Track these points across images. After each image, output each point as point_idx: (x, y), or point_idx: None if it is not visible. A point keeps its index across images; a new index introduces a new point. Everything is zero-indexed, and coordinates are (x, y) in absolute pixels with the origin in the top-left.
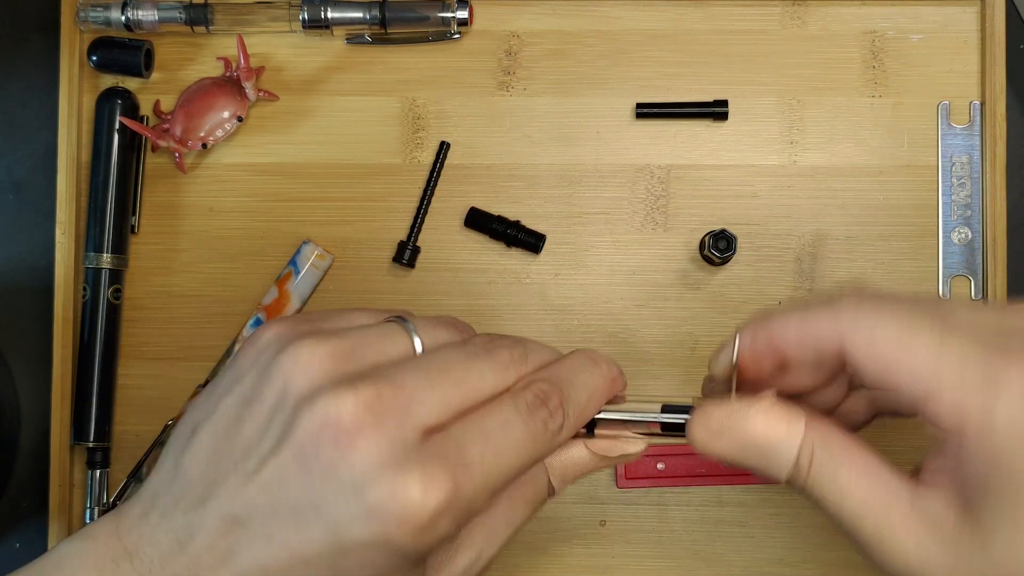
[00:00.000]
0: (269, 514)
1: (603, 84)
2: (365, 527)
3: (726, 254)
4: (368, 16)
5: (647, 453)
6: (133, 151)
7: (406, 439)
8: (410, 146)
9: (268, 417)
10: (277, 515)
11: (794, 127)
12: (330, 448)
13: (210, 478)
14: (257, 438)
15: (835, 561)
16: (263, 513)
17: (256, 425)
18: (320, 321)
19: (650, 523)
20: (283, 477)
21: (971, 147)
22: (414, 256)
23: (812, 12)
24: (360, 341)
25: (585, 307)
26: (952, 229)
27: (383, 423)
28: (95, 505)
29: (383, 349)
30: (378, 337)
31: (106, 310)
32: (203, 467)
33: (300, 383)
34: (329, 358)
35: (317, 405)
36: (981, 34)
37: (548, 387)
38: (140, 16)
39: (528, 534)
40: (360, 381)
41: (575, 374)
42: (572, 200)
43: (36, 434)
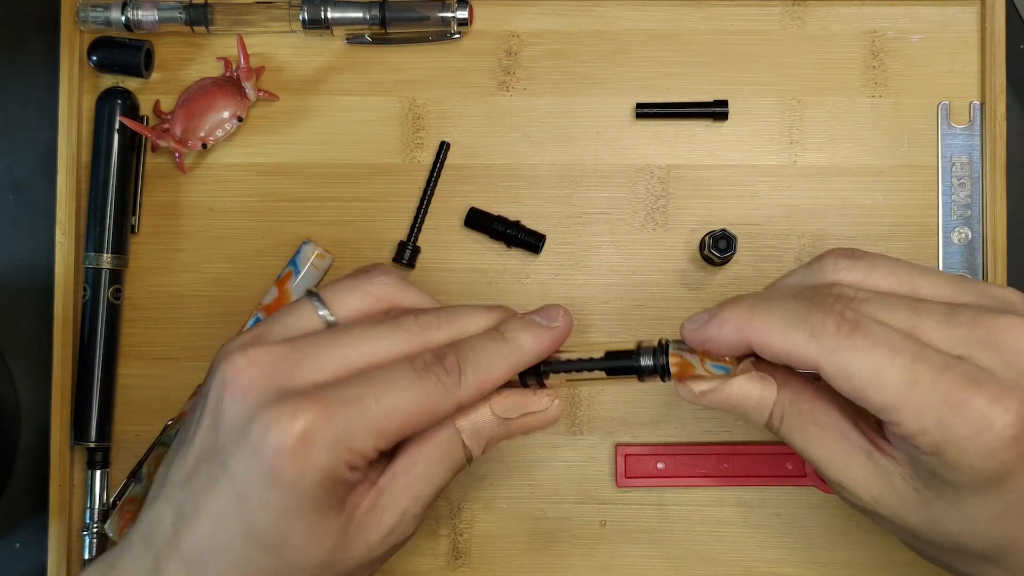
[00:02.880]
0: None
1: (603, 84)
2: (252, 464)
3: (726, 254)
4: (368, 16)
5: (646, 453)
6: (133, 151)
7: (291, 386)
8: (410, 146)
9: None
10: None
11: (794, 127)
12: (227, 400)
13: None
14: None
15: (835, 561)
16: (192, 487)
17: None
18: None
19: (650, 523)
20: (202, 445)
21: (971, 147)
22: (414, 256)
23: (812, 12)
24: (268, 325)
25: (585, 307)
26: (952, 229)
27: (270, 375)
28: (95, 505)
29: (291, 324)
30: (288, 317)
31: (106, 310)
32: (163, 471)
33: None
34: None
35: (219, 369)
36: (981, 34)
37: (447, 348)
38: (140, 16)
39: (528, 534)
40: (253, 345)
41: (482, 342)
42: (572, 200)
43: (36, 434)
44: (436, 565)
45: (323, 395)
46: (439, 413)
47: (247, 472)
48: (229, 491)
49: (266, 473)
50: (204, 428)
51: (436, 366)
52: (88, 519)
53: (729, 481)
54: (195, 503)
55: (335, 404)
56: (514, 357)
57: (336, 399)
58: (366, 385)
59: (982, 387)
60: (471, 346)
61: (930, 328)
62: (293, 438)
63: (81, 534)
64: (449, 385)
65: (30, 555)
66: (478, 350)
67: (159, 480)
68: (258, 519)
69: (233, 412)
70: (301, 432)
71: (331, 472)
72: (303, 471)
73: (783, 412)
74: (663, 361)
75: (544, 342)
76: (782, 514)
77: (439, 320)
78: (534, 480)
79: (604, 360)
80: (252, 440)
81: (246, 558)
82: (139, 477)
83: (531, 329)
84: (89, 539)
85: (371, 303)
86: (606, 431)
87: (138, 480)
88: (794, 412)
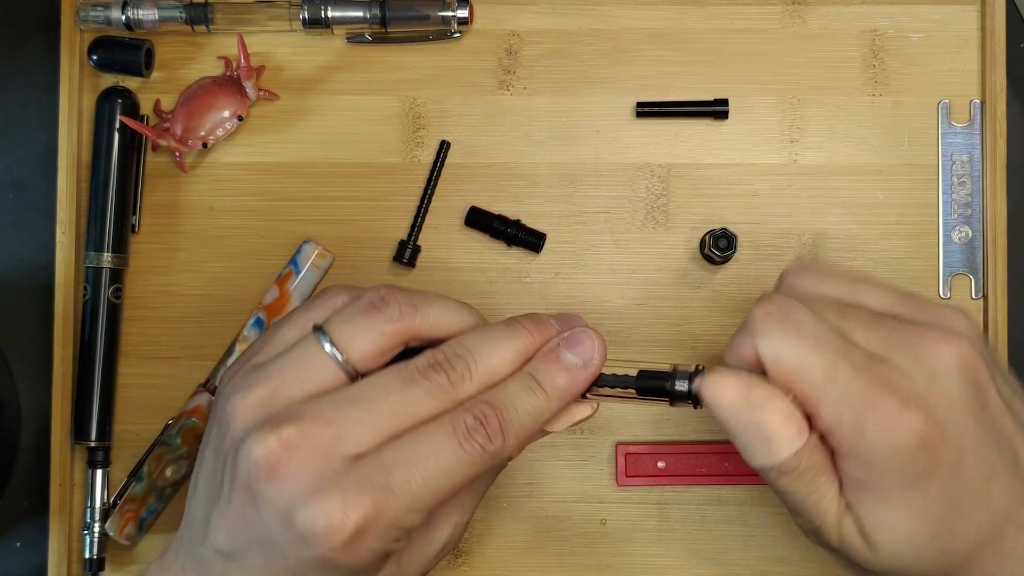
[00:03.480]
0: (244, 547)
1: (603, 83)
2: (302, 550)
3: (726, 253)
4: (368, 15)
5: (647, 452)
6: (133, 150)
7: (330, 469)
8: (410, 145)
9: (223, 462)
10: (249, 547)
11: (794, 126)
12: (265, 484)
13: (204, 519)
14: (222, 482)
15: (836, 560)
16: (241, 546)
17: (220, 469)
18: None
19: (651, 522)
20: (243, 513)
21: (971, 146)
22: (414, 255)
23: (812, 11)
24: (282, 378)
25: (585, 306)
26: (952, 228)
27: (306, 457)
28: (95, 504)
29: (308, 377)
30: (300, 365)
31: (107, 309)
32: (201, 510)
33: (237, 431)
34: (256, 405)
35: (246, 447)
36: (981, 33)
37: (488, 410)
38: (140, 15)
39: (529, 533)
40: (284, 420)
41: (521, 396)
42: (572, 199)
43: (36, 434)
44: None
45: (370, 483)
46: (481, 476)
47: (299, 557)
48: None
49: (318, 560)
50: (239, 496)
51: (479, 434)
52: (88, 518)
53: (729, 480)
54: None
55: (383, 493)
56: (553, 407)
57: (383, 485)
58: (411, 465)
59: (894, 391)
60: (511, 405)
61: (853, 328)
62: (346, 535)
63: (82, 534)
64: (494, 453)
65: (30, 555)
66: (519, 408)
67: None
68: None
69: (272, 496)
70: (354, 529)
71: (381, 551)
72: (355, 559)
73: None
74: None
75: (581, 384)
76: (782, 513)
77: (469, 368)
78: (534, 479)
79: (637, 379)
80: (300, 531)
81: None
82: (139, 476)
83: (568, 374)
84: (89, 539)
85: (386, 342)
86: (606, 430)
87: (138, 479)
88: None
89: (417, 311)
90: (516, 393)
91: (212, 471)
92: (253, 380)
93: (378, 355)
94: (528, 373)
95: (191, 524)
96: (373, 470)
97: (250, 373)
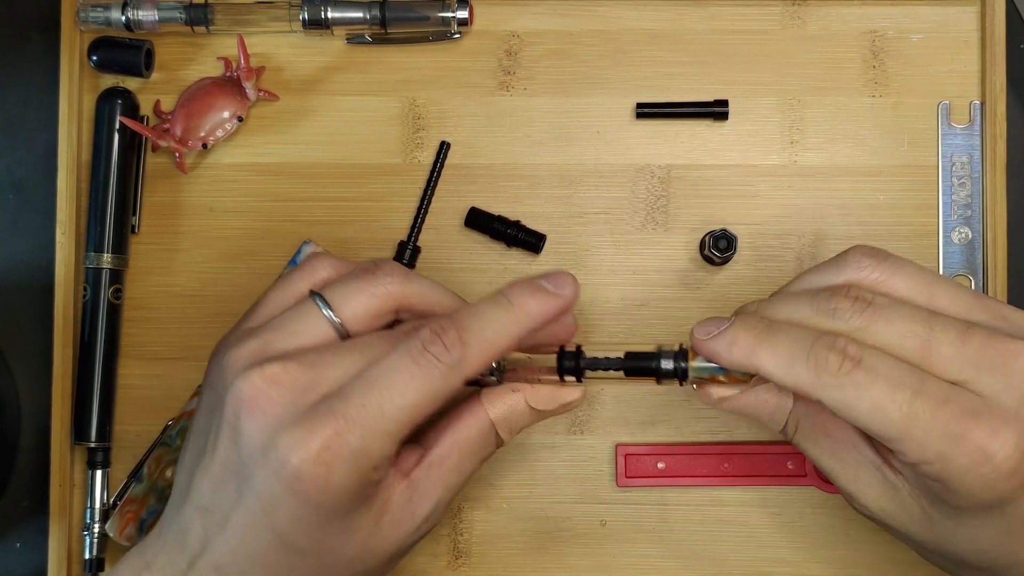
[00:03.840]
0: (223, 498)
1: (603, 84)
2: (275, 484)
3: (726, 254)
4: (368, 16)
5: (647, 452)
6: (133, 151)
7: (304, 403)
8: (410, 146)
9: (212, 415)
10: (227, 495)
11: (794, 127)
12: (246, 419)
13: (188, 480)
14: (208, 435)
15: (836, 560)
16: (219, 499)
17: (208, 425)
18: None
19: (651, 523)
20: (224, 458)
21: (971, 147)
22: (414, 256)
23: (812, 12)
24: (275, 332)
25: (585, 306)
26: (952, 229)
27: (286, 391)
28: (95, 505)
29: (300, 331)
30: (294, 322)
31: (106, 310)
32: (185, 474)
33: (227, 378)
34: (247, 354)
35: (234, 386)
36: (981, 34)
37: (446, 322)
38: (140, 16)
39: (529, 534)
40: (269, 361)
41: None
42: (572, 200)
43: (36, 434)
44: (436, 565)
45: (332, 411)
46: (448, 393)
47: (272, 491)
48: (256, 505)
49: (290, 493)
50: (224, 441)
51: (435, 344)
52: (88, 519)
53: (729, 481)
54: (224, 513)
55: (345, 421)
56: (520, 324)
57: (341, 412)
58: (367, 390)
59: (981, 419)
60: (472, 314)
61: (942, 343)
62: (311, 461)
63: (81, 534)
64: (451, 363)
65: (30, 555)
66: (480, 318)
67: (181, 483)
68: (288, 530)
69: (252, 431)
70: (317, 454)
71: (354, 482)
72: (326, 489)
73: (798, 422)
74: (683, 365)
75: (551, 308)
76: (783, 514)
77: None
78: (534, 480)
79: (624, 360)
80: (272, 463)
81: (280, 562)
82: (139, 477)
83: (538, 295)
84: (89, 539)
85: (378, 305)
86: (606, 431)
87: (138, 480)
88: (808, 423)
89: (409, 281)
90: (482, 307)
91: (201, 430)
92: (247, 336)
93: (370, 318)
94: (499, 291)
95: (175, 494)
96: (335, 400)
97: (244, 333)
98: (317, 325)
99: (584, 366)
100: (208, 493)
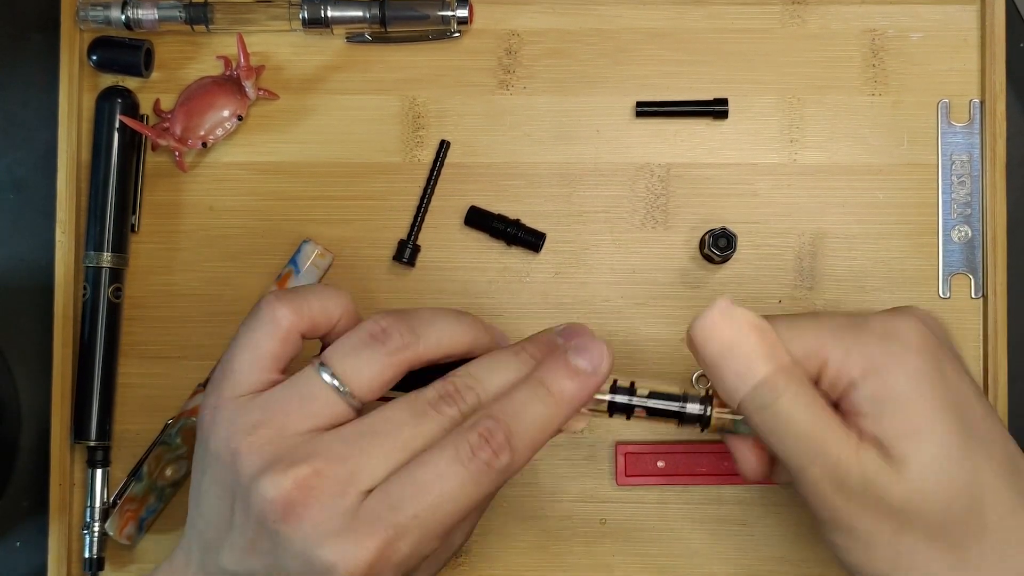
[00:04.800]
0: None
1: (603, 83)
2: None
3: (726, 252)
4: (368, 15)
5: (647, 452)
6: (133, 150)
7: (345, 506)
8: (410, 145)
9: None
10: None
11: (794, 125)
12: (281, 524)
13: (217, 539)
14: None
15: (836, 560)
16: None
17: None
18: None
19: (650, 522)
20: (258, 546)
21: (971, 145)
22: (414, 255)
23: (812, 10)
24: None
25: (585, 306)
26: (952, 227)
27: (322, 496)
28: (95, 504)
29: (313, 412)
30: (303, 400)
31: (106, 309)
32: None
33: (246, 472)
34: (263, 444)
35: (260, 489)
36: (981, 32)
37: (493, 425)
38: (140, 15)
39: (529, 533)
40: (297, 460)
41: (528, 406)
42: (572, 199)
43: (36, 433)
44: None
45: (380, 521)
46: (493, 493)
47: None
48: None
49: None
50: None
51: (484, 450)
52: (88, 518)
53: (730, 479)
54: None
55: (393, 528)
56: (562, 415)
57: (394, 521)
58: (418, 497)
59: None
60: (516, 416)
61: None
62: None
63: (81, 533)
64: (502, 468)
65: (30, 555)
66: (525, 419)
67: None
68: None
69: (292, 538)
70: (367, 567)
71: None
72: None
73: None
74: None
75: (590, 391)
76: (782, 512)
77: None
78: (534, 479)
79: (648, 398)
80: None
81: None
82: (139, 476)
83: (577, 379)
84: (89, 538)
85: (391, 373)
86: (605, 429)
87: (138, 479)
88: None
89: (420, 338)
90: (523, 402)
91: (219, 502)
92: (254, 416)
93: (382, 387)
94: (535, 379)
95: (201, 540)
96: (381, 507)
97: (246, 406)
98: (329, 402)
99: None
100: (240, 565)
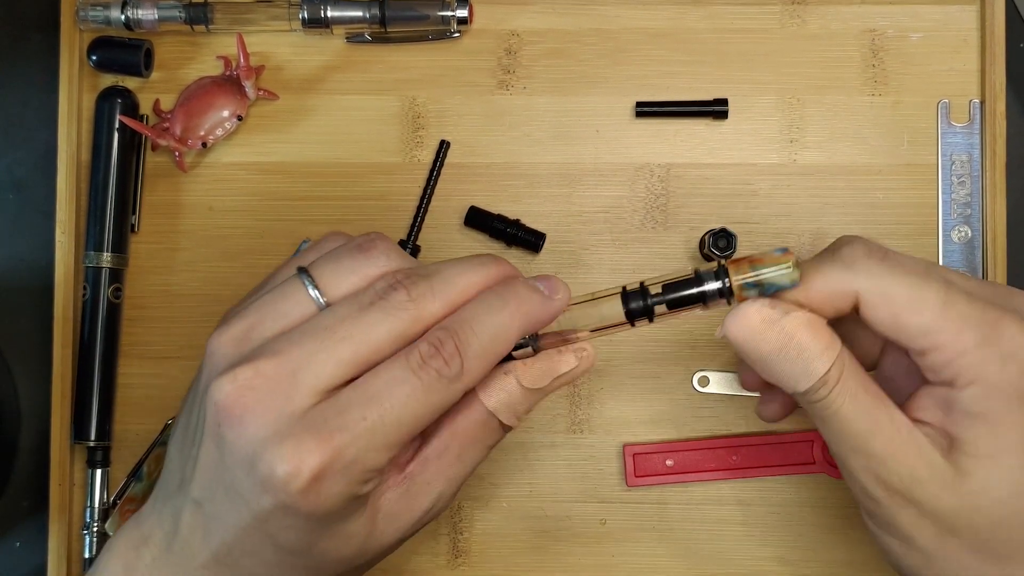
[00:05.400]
0: (213, 496)
1: (603, 83)
2: (264, 498)
3: (726, 252)
4: (368, 15)
5: (655, 451)
6: (133, 150)
7: (290, 410)
8: (410, 145)
9: (196, 406)
10: (217, 496)
11: (794, 126)
12: (226, 429)
13: (180, 466)
14: (195, 426)
15: (836, 560)
16: (210, 496)
17: (194, 414)
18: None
19: (651, 522)
20: (210, 460)
21: (971, 145)
22: (414, 255)
23: (812, 11)
24: (259, 314)
25: None
26: (952, 228)
27: (264, 397)
28: (95, 504)
29: (283, 313)
30: (281, 300)
31: (106, 309)
32: (177, 458)
33: (209, 371)
34: (230, 342)
35: (210, 392)
36: (981, 32)
37: (443, 334)
38: (140, 15)
39: (529, 533)
40: (244, 360)
41: (480, 316)
42: (572, 199)
43: (36, 433)
44: (436, 564)
45: (326, 427)
46: (448, 405)
47: (261, 502)
48: (247, 512)
49: (280, 506)
50: (207, 445)
51: (435, 359)
52: (88, 518)
53: (739, 473)
54: (215, 511)
55: (340, 434)
56: (517, 329)
57: (339, 427)
58: (367, 403)
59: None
60: (470, 325)
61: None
62: (304, 480)
63: (81, 533)
64: (452, 376)
65: (30, 555)
66: (477, 328)
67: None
68: (280, 536)
69: (234, 441)
70: (311, 474)
71: (345, 494)
72: (318, 503)
73: (842, 369)
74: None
75: (547, 313)
76: (783, 512)
77: (432, 289)
78: (534, 479)
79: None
80: (260, 477)
81: (276, 559)
82: (139, 476)
83: (534, 296)
84: (89, 538)
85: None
86: (605, 429)
87: (138, 479)
88: (852, 372)
89: (404, 259)
90: (475, 313)
91: (188, 415)
92: (233, 316)
93: None
94: (492, 291)
95: (169, 472)
96: (329, 411)
97: (234, 311)
98: (301, 305)
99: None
100: (198, 488)
